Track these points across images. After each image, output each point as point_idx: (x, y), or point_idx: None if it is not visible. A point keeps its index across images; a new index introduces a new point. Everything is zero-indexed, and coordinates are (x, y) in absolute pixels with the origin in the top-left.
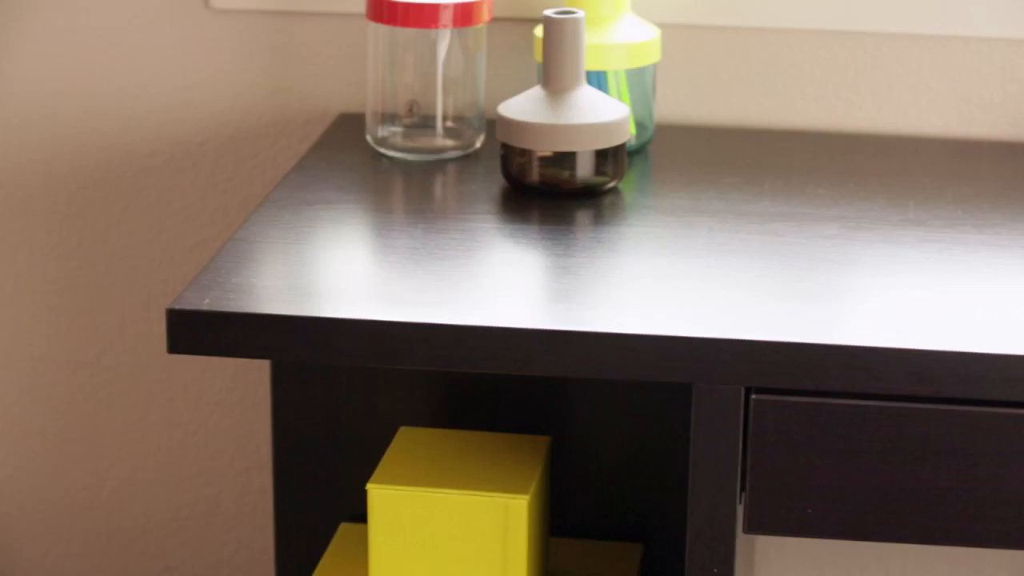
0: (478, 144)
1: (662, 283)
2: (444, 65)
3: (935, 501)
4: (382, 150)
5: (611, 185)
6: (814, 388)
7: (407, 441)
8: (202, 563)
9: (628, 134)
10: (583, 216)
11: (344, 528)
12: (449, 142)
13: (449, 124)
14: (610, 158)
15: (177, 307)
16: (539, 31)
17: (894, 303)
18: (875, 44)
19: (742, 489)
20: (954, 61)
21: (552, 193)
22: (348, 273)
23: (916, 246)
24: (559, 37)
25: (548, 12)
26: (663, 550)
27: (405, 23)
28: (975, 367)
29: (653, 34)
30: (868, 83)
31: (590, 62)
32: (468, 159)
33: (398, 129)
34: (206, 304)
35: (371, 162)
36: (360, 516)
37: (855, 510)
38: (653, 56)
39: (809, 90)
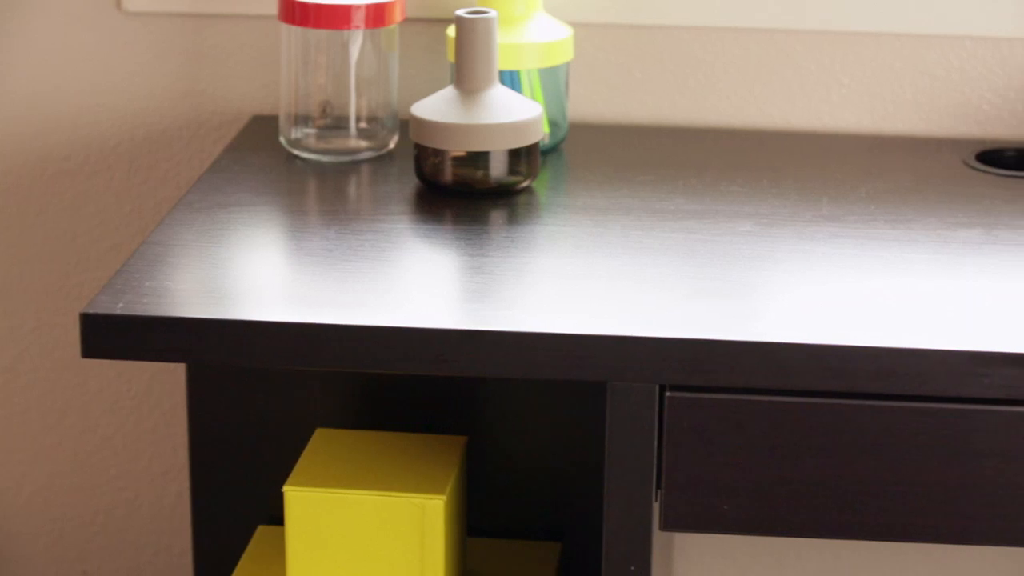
0: (391, 145)
1: (576, 282)
2: (357, 66)
3: (850, 496)
4: (296, 152)
5: (525, 184)
6: (729, 385)
7: (323, 443)
8: (121, 567)
9: (541, 133)
10: (497, 216)
11: (262, 530)
12: (362, 143)
13: (362, 125)
14: (523, 157)
15: (90, 311)
16: (451, 31)
17: (808, 299)
18: (787, 41)
19: (658, 487)
20: (866, 57)
21: (466, 193)
22: (262, 275)
23: (829, 242)
24: (471, 37)
25: (460, 12)
26: (581, 548)
27: (317, 24)
28: (889, 362)
29: (565, 33)
30: (780, 80)
31: (503, 62)
32: (382, 160)
33: (311, 130)
34: (120, 308)
35: (285, 164)
36: (278, 518)
37: (771, 506)
38: (566, 55)
39: (722, 88)
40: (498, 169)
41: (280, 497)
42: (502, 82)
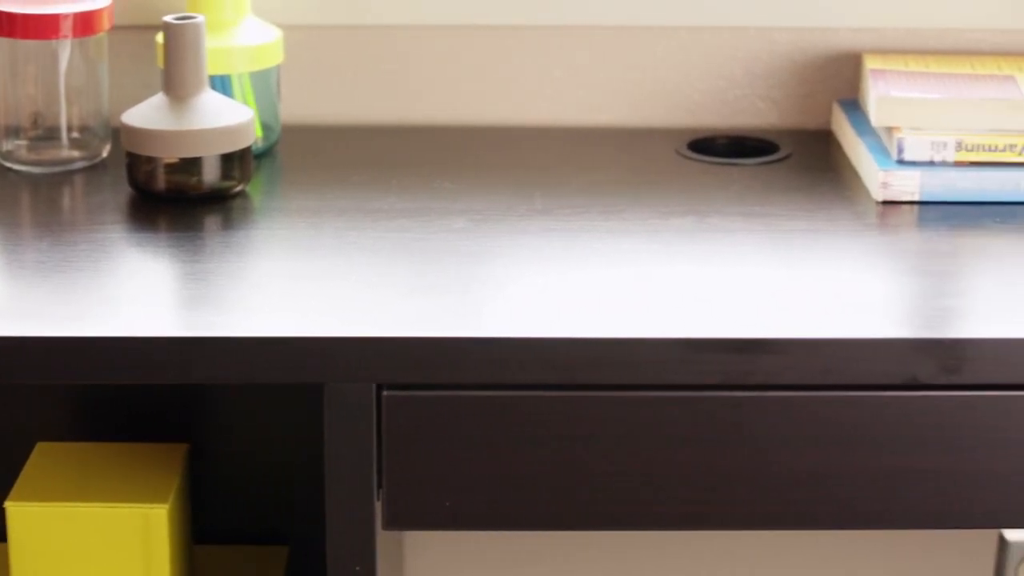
0: (104, 154)
1: (291, 284)
2: (66, 76)
3: (571, 487)
4: (7, 164)
5: (238, 189)
6: (446, 381)
7: (44, 457)
8: None
9: (253, 137)
10: (211, 221)
11: None
12: (75, 153)
13: (74, 135)
14: (236, 162)
15: None
16: (161, 38)
17: (523, 293)
18: (498, 36)
19: (379, 486)
20: (576, 50)
21: (180, 200)
22: None
23: (543, 235)
24: (180, 43)
25: (168, 18)
26: (307, 551)
27: (25, 35)
28: (603, 352)
29: (275, 36)
30: (493, 76)
31: (212, 66)
32: (95, 169)
33: (23, 142)
34: None
35: None
36: (0, 535)
37: (494, 501)
38: (276, 58)
39: (434, 85)
40: (211, 174)
41: (2, 513)
42: (213, 87)
